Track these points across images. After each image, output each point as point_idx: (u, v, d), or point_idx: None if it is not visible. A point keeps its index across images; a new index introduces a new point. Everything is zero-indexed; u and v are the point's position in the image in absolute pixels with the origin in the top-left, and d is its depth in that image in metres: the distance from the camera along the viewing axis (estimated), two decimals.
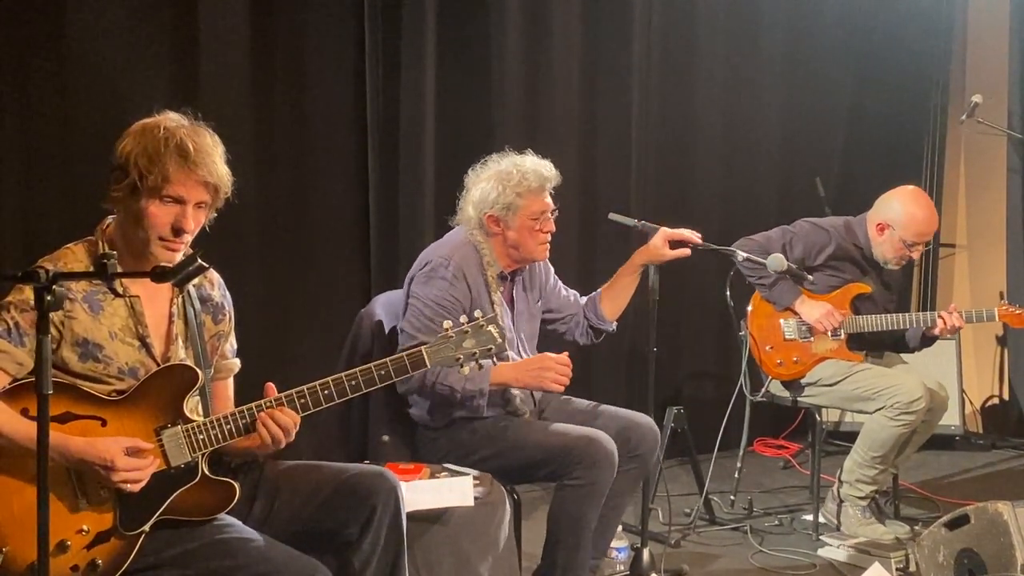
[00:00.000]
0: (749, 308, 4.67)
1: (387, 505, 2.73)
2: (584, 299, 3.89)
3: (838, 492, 4.52)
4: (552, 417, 3.64)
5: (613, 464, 3.36)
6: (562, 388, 3.40)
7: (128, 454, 2.47)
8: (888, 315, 4.55)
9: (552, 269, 3.88)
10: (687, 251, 3.77)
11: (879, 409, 4.35)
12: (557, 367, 3.35)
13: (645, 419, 3.62)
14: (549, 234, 3.60)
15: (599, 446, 3.34)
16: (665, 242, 3.74)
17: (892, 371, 4.52)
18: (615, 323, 3.88)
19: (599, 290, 3.86)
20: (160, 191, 2.51)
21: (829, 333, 4.52)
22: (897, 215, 4.49)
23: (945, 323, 4.42)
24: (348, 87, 4.72)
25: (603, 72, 5.50)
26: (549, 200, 3.59)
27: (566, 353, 3.43)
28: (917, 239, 4.49)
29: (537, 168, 3.55)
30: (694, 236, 3.78)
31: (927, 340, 4.60)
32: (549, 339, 3.89)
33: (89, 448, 2.46)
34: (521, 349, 3.65)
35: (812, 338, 4.56)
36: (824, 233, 4.60)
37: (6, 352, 2.49)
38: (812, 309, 4.52)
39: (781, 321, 4.59)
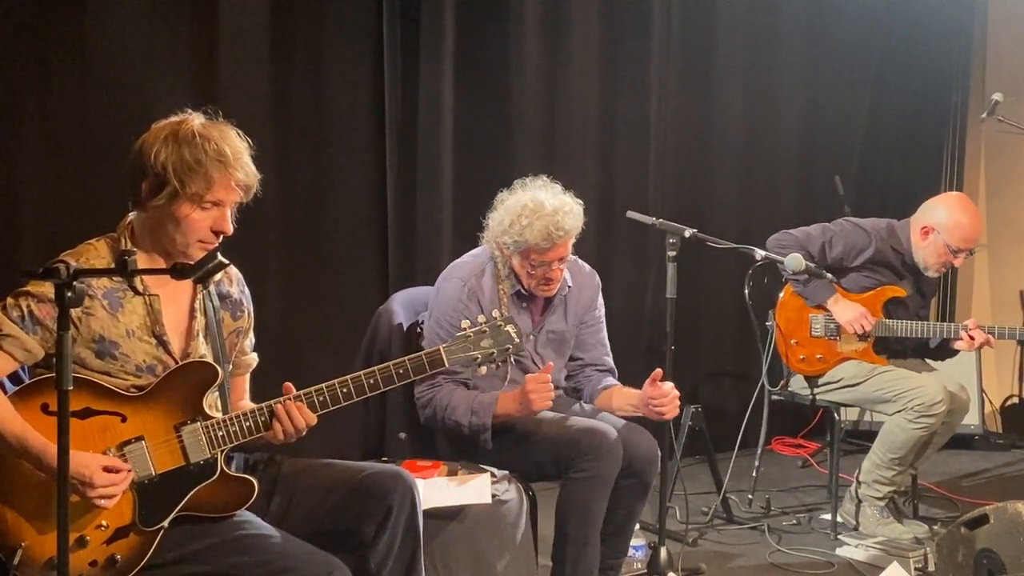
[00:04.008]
0: (780, 297, 4.61)
1: (403, 505, 2.74)
2: (604, 377, 3.71)
3: (856, 492, 4.51)
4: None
5: (618, 455, 3.33)
6: (548, 403, 3.33)
7: (106, 470, 2.46)
8: (918, 323, 4.49)
9: (602, 309, 3.78)
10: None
11: (899, 411, 4.33)
12: (536, 387, 3.29)
13: (642, 433, 3.49)
14: (549, 280, 3.50)
15: (603, 437, 3.32)
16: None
17: (914, 374, 4.45)
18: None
19: (612, 386, 3.66)
20: (203, 198, 2.54)
21: (858, 336, 4.49)
22: (943, 219, 4.43)
23: (974, 339, 4.35)
24: (367, 86, 4.73)
25: (622, 70, 5.49)
26: (558, 249, 3.43)
27: (547, 366, 3.38)
28: (962, 244, 4.43)
29: (546, 226, 3.38)
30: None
31: (946, 350, 4.54)
32: None
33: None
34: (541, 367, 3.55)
35: (839, 337, 4.52)
36: (865, 235, 4.52)
37: (16, 337, 2.49)
38: (845, 310, 4.46)
39: (810, 316, 4.55)
